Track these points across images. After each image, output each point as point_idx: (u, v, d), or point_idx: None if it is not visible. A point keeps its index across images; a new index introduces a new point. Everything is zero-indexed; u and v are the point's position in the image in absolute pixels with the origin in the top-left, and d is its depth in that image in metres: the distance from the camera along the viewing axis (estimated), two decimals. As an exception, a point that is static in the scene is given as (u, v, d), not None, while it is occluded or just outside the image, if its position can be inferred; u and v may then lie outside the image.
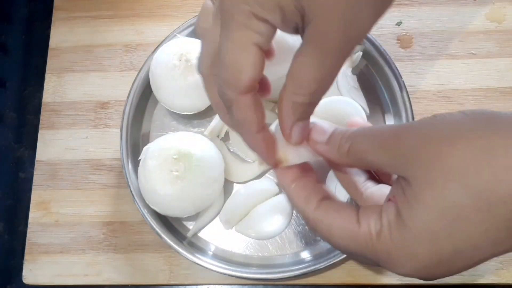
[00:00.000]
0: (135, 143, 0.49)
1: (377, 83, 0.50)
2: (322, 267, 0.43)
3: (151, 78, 0.48)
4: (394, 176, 0.29)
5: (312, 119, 0.27)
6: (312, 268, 0.43)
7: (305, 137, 0.27)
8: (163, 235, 0.44)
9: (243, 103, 0.24)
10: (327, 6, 0.20)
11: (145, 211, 0.45)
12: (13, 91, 0.56)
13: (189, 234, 0.47)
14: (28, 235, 0.49)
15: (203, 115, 0.50)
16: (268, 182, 0.48)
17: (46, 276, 0.48)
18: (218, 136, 0.49)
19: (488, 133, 0.20)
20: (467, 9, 0.52)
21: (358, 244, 0.24)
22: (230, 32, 0.23)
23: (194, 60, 0.45)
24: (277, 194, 0.47)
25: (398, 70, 0.47)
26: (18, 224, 0.51)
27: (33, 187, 0.51)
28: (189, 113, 0.48)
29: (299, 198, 0.26)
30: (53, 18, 0.56)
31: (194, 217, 0.47)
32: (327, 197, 0.26)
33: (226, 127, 0.48)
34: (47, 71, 0.54)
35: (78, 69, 0.54)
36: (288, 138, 0.26)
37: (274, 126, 0.28)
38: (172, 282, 0.47)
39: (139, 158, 0.45)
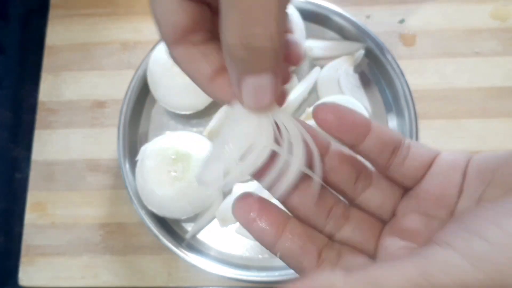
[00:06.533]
0: (133, 143, 0.48)
1: (379, 82, 0.49)
2: (324, 269, 0.43)
3: (149, 76, 0.47)
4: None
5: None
6: (313, 270, 0.42)
7: (266, 101, 0.20)
8: (161, 237, 0.44)
9: (175, 55, 0.21)
10: None
11: (142, 213, 0.44)
12: (9, 90, 0.55)
13: (187, 236, 0.46)
14: (24, 237, 0.49)
15: (202, 115, 0.49)
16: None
17: (42, 278, 0.47)
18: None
19: None
20: (471, 7, 0.51)
21: None
22: None
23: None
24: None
25: (400, 69, 0.47)
26: (14, 226, 0.50)
27: (29, 188, 0.50)
28: (188, 113, 0.48)
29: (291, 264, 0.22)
30: (49, 16, 0.55)
31: (192, 219, 0.46)
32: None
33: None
34: (43, 70, 0.53)
35: (75, 67, 0.53)
36: (240, 101, 0.20)
37: None
38: (171, 285, 0.46)
39: (136, 159, 0.45)
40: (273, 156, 0.22)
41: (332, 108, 0.22)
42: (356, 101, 0.46)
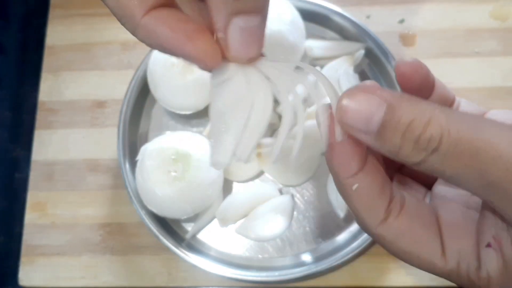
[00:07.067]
0: (133, 143, 0.48)
1: (379, 82, 0.49)
2: (324, 269, 0.43)
3: (149, 76, 0.47)
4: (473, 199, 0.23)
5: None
6: (313, 270, 0.42)
7: (252, 49, 0.19)
8: (161, 237, 0.44)
9: (147, 27, 0.20)
10: None
11: (142, 213, 0.44)
12: (9, 90, 0.55)
13: (187, 236, 0.46)
14: (24, 237, 0.48)
15: (202, 115, 0.49)
16: (269, 183, 0.47)
17: (42, 279, 0.47)
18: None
19: None
20: (471, 7, 0.51)
21: (440, 275, 0.20)
22: None
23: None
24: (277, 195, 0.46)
25: (400, 69, 0.47)
26: (14, 226, 0.50)
27: (29, 187, 0.50)
28: (188, 113, 0.48)
29: (361, 204, 0.21)
30: (49, 16, 0.55)
31: (192, 219, 0.46)
32: (397, 202, 0.21)
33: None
34: (43, 70, 0.53)
35: (75, 67, 0.53)
36: (226, 50, 0.19)
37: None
38: (170, 285, 0.46)
39: (136, 159, 0.45)
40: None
41: (412, 65, 0.23)
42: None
